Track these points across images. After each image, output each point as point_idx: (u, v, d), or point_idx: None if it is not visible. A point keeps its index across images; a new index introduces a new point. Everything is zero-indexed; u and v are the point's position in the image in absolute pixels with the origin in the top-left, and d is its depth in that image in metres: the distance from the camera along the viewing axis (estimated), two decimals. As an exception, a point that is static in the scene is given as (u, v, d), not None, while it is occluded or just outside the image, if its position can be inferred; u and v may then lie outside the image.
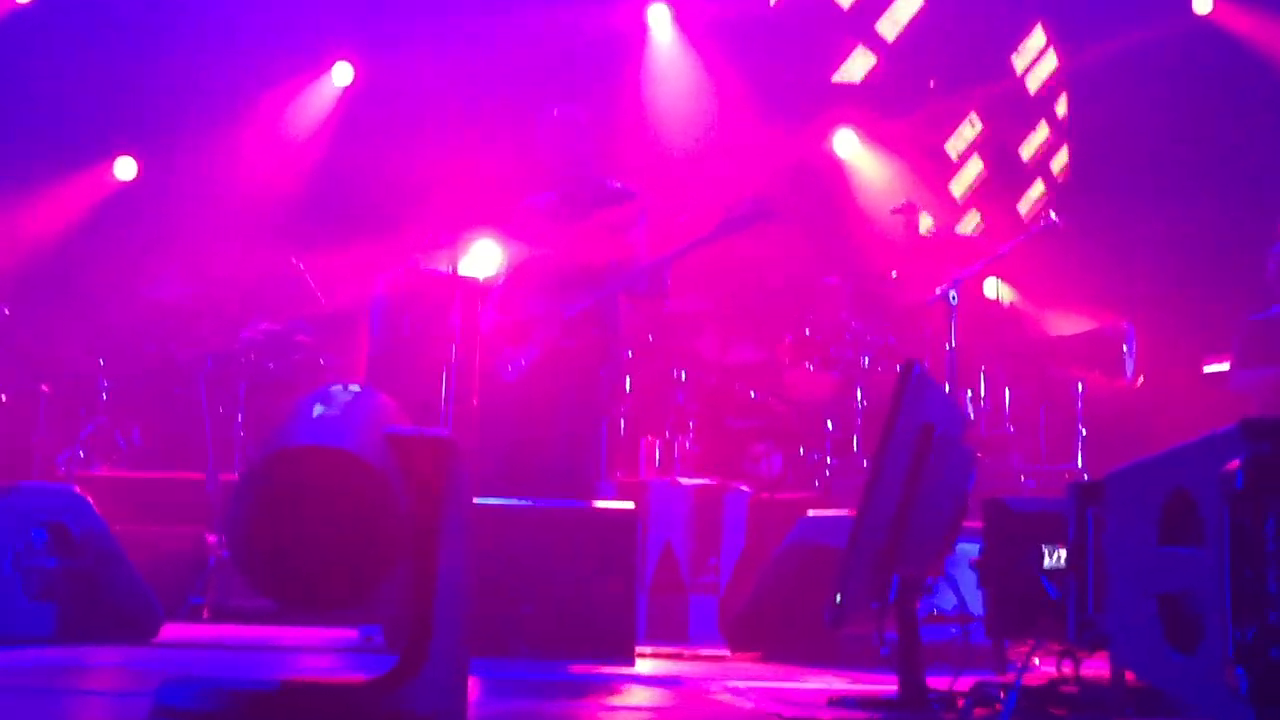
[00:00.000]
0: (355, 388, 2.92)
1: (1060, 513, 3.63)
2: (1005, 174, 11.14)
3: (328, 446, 2.56)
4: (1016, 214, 11.08)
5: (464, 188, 9.47)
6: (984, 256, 7.74)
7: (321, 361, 8.98)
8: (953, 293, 7.23)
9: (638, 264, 6.82)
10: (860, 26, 11.19)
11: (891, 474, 3.75)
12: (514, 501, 5.83)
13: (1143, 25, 10.19)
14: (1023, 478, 8.51)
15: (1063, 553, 3.85)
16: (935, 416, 3.86)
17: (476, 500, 5.45)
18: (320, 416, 2.71)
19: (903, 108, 11.10)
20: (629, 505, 6.03)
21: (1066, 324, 9.63)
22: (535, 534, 5.71)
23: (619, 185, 7.06)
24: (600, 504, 6.32)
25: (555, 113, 7.15)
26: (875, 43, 11.14)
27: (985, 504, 4.32)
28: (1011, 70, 11.12)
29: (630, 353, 8.92)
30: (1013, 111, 11.15)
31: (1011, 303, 9.64)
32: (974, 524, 4.46)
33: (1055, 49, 11.08)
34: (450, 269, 7.30)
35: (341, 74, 11.12)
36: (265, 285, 9.54)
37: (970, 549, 4.52)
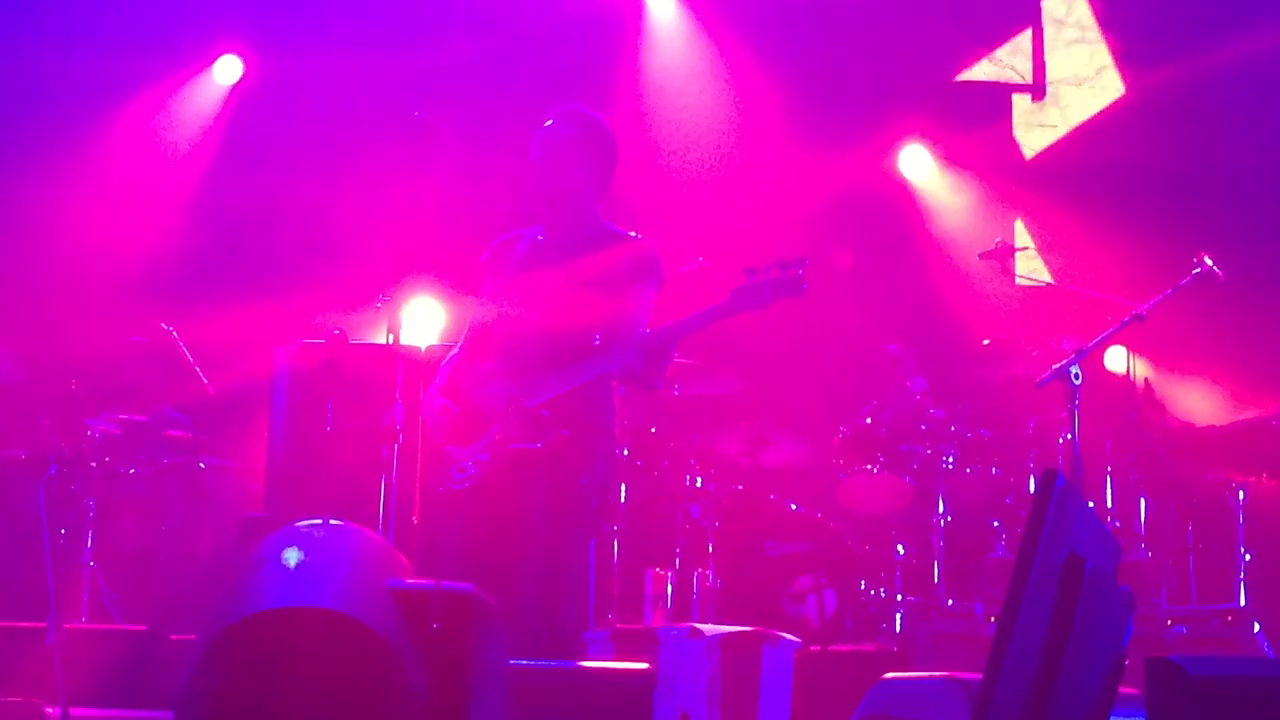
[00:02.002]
0: (335, 523, 2.89)
1: (1266, 678, 3.58)
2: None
3: (315, 608, 2.52)
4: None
5: (401, 225, 9.46)
6: (1113, 318, 7.72)
7: (202, 464, 8.96)
8: (1075, 369, 7.21)
9: (633, 337, 6.75)
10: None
11: (1027, 629, 3.71)
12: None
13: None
14: (1170, 622, 8.47)
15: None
16: (1084, 546, 3.83)
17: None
18: (300, 567, 2.67)
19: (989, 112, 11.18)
20: (642, 666, 5.97)
21: (1221, 409, 9.64)
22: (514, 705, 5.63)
23: (623, 230, 7.01)
24: (592, 665, 6.25)
25: (557, 111, 7.10)
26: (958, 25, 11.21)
27: (1150, 666, 4.27)
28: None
29: (626, 451, 8.91)
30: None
31: (1146, 380, 9.65)
32: (1129, 689, 4.42)
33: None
34: (392, 338, 7.26)
35: (227, 69, 11.14)
36: (125, 362, 9.50)
37: (1129, 723, 4.48)
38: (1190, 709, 4.16)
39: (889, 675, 6.10)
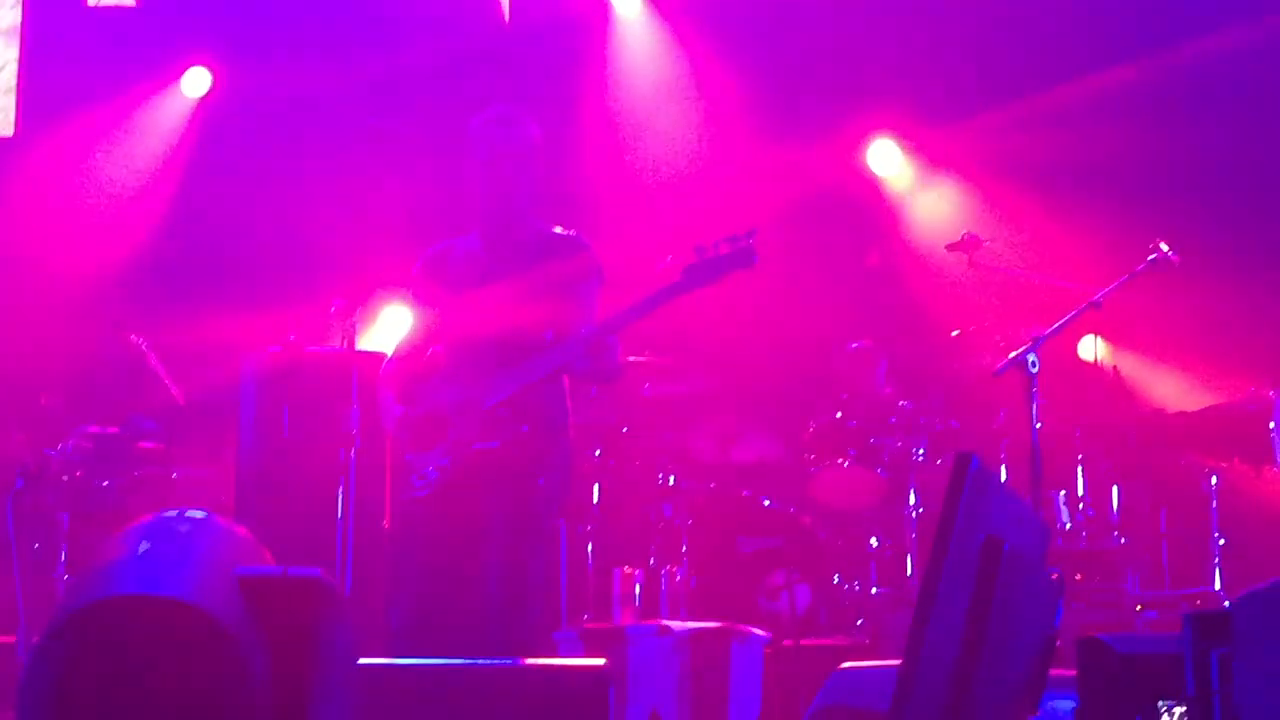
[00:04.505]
0: (197, 514, 2.91)
1: (1181, 654, 3.62)
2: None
3: (157, 596, 2.54)
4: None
5: (365, 234, 9.52)
6: (1074, 305, 7.74)
7: (174, 475, 8.97)
8: (1032, 356, 7.24)
9: (577, 334, 6.77)
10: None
11: (946, 610, 3.74)
12: (434, 662, 5.78)
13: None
14: (1140, 607, 8.50)
15: (1183, 710, 3.82)
16: (1003, 528, 3.85)
17: (381, 660, 5.42)
18: (147, 554, 2.70)
19: (961, 108, 11.19)
20: (598, 662, 5.98)
21: (1192, 395, 9.65)
22: (466, 706, 5.65)
23: (567, 232, 7.03)
24: (558, 661, 6.27)
25: (487, 115, 7.09)
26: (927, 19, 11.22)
27: (1080, 645, 4.31)
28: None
29: (598, 451, 8.94)
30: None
31: (1116, 368, 9.66)
32: (1066, 670, 4.44)
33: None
34: (345, 343, 7.29)
35: (194, 82, 11.18)
36: (94, 374, 9.53)
37: (1064, 705, 4.50)
38: (1119, 686, 4.20)
39: (846, 665, 6.13)
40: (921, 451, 9.11)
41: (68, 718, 2.58)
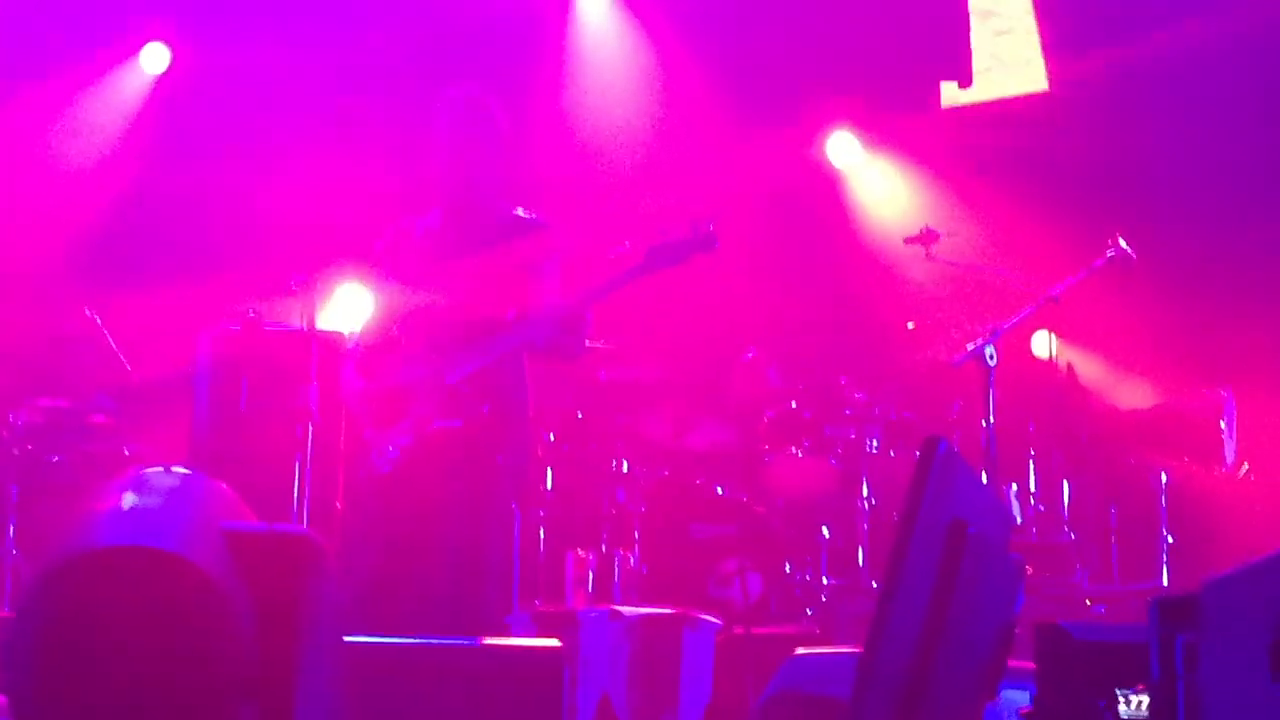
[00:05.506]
0: (180, 470, 2.90)
1: (1141, 642, 3.63)
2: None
3: (145, 547, 2.54)
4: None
5: (322, 210, 9.49)
6: (1031, 300, 7.78)
7: (126, 451, 8.94)
8: (990, 349, 7.27)
9: (546, 308, 6.82)
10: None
11: (910, 593, 3.75)
12: (389, 640, 5.77)
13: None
14: (1089, 601, 8.56)
15: (1144, 699, 3.84)
16: (968, 511, 3.87)
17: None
18: (134, 509, 2.69)
19: (920, 100, 11.22)
20: (553, 643, 5.98)
21: (1144, 393, 9.71)
22: (419, 684, 5.64)
23: (527, 213, 7.06)
24: (502, 641, 6.27)
25: (452, 95, 7.11)
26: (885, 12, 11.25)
27: (1039, 631, 4.32)
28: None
29: (552, 436, 8.94)
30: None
31: (1070, 364, 9.71)
32: (1024, 662, 4.46)
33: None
34: (303, 321, 7.27)
35: (153, 58, 11.11)
36: (47, 348, 9.47)
37: (1020, 696, 4.52)
38: (1077, 672, 4.22)
39: (800, 651, 6.15)
40: (875, 442, 9.13)
41: (55, 670, 2.57)
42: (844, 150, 11.21)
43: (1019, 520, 8.84)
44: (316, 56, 10.73)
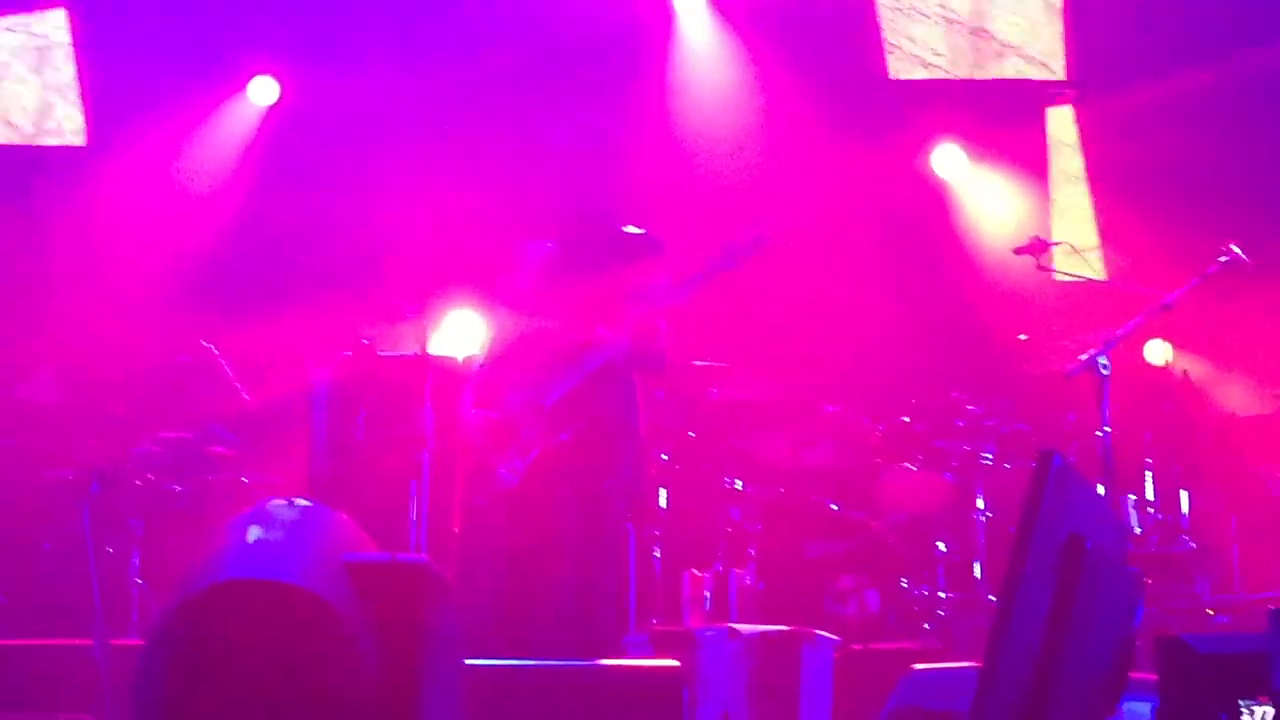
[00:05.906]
0: (302, 503, 2.95)
1: (1263, 651, 3.61)
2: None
3: (269, 580, 2.58)
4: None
5: (434, 238, 9.54)
6: (1144, 308, 7.73)
7: (245, 480, 9.03)
8: (1103, 359, 7.23)
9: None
10: None
11: (1028, 609, 3.74)
12: (509, 663, 5.82)
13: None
14: (1211, 611, 8.46)
15: (1268, 710, 3.81)
16: (1085, 526, 3.86)
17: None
18: (258, 542, 2.73)
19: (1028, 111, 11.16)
20: (672, 663, 6.01)
21: (1261, 399, 9.60)
22: (540, 707, 5.69)
23: (640, 232, 7.08)
24: (622, 663, 6.30)
25: (562, 119, 7.18)
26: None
27: (1160, 645, 4.30)
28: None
29: (666, 456, 8.96)
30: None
31: (1185, 371, 9.63)
32: (1145, 674, 4.44)
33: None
34: (417, 348, 7.34)
35: (261, 90, 11.23)
36: (167, 379, 9.59)
37: (1142, 709, 4.49)
38: (1200, 685, 4.19)
39: (918, 666, 6.14)
40: (990, 455, 9.08)
41: (184, 700, 2.62)
42: (950, 162, 11.15)
43: (1138, 530, 8.76)
44: (421, 81, 10.81)
